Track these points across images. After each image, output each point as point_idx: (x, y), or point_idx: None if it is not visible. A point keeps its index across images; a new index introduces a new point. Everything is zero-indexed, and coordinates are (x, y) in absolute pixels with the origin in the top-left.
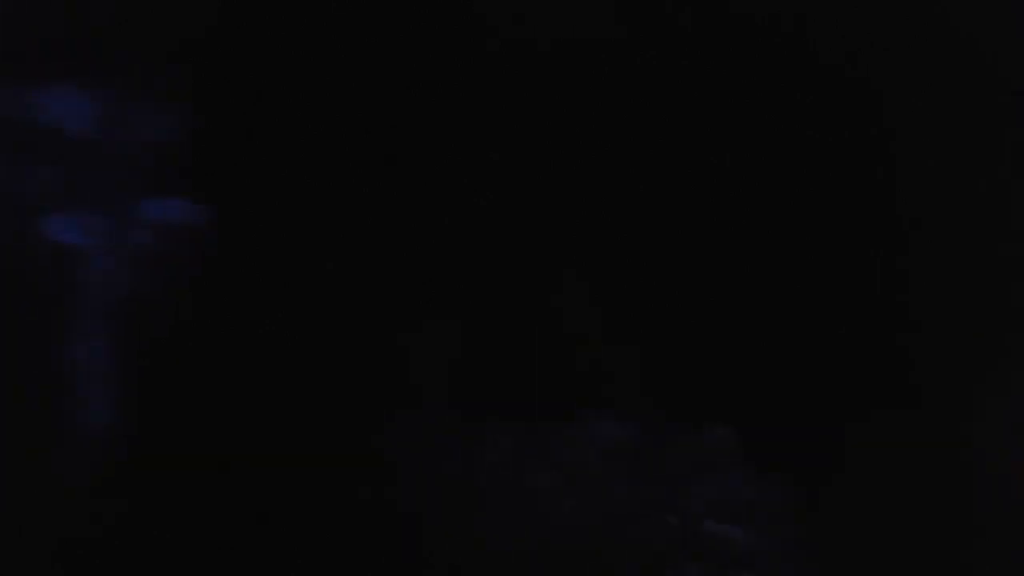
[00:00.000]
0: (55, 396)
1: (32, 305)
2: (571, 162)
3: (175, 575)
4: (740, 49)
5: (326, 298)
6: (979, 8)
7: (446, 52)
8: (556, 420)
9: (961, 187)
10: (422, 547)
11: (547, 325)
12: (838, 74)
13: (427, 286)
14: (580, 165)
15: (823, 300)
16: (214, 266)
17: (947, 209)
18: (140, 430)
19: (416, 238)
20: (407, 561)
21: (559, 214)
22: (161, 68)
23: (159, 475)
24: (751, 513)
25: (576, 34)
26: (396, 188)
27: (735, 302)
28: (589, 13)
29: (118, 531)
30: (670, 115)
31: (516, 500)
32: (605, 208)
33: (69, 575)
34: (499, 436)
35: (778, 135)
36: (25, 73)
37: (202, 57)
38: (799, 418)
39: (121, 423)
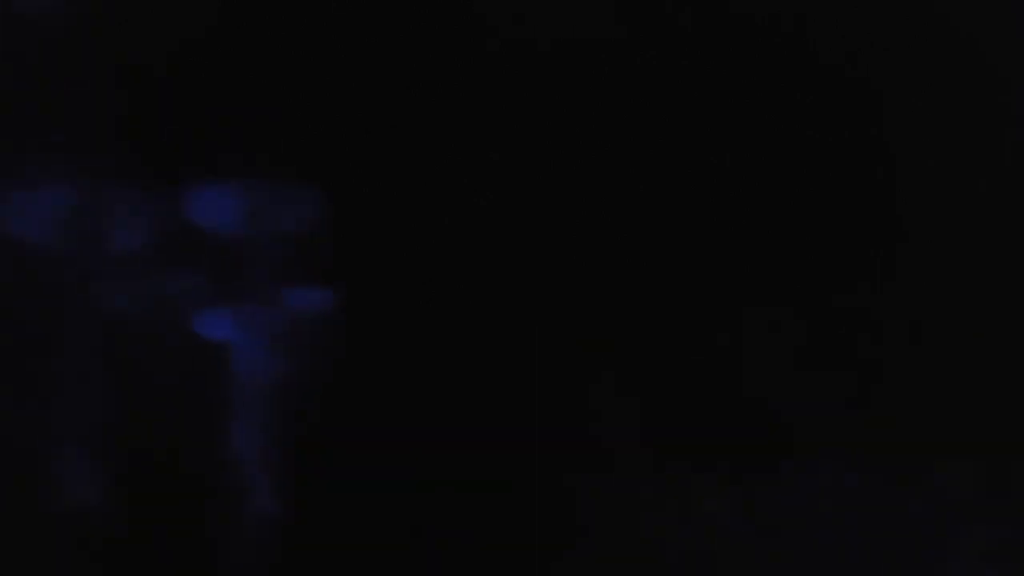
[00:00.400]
0: (222, 484)
1: (191, 399)
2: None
3: None
4: (740, 49)
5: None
6: (979, 8)
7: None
8: (763, 470)
9: (960, 186)
10: None
11: (743, 366)
12: (838, 74)
13: (598, 336)
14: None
15: None
16: (353, 348)
17: (947, 208)
18: (301, 513)
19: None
20: None
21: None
22: (297, 162)
23: (323, 555)
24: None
25: (576, 34)
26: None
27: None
28: (589, 13)
29: None
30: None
31: (733, 559)
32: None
33: None
34: (703, 490)
35: (778, 135)
36: (179, 177)
37: (331, 150)
38: None
39: (285, 506)
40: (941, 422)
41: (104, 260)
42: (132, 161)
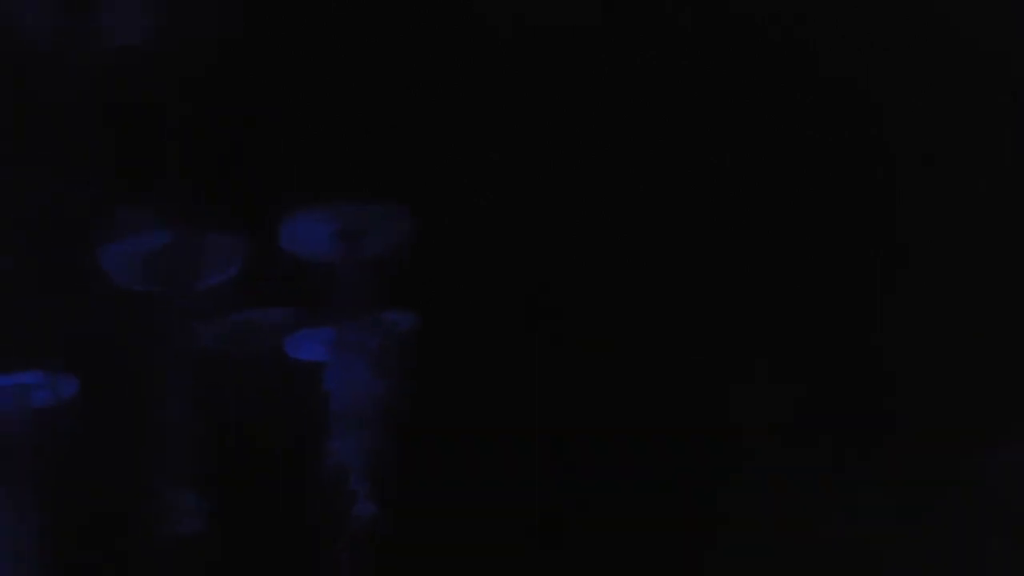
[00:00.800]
0: (320, 497)
1: (285, 419)
2: None
3: None
4: (740, 49)
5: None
6: (979, 8)
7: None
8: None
9: (961, 187)
10: None
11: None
12: (837, 74)
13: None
14: None
15: None
16: (441, 363)
17: (948, 209)
18: (400, 522)
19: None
20: None
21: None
22: (387, 183)
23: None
24: None
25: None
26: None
27: None
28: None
29: None
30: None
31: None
32: None
33: None
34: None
35: (778, 135)
36: (272, 207)
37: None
38: None
39: (381, 518)
40: None
41: (199, 295)
42: (223, 195)
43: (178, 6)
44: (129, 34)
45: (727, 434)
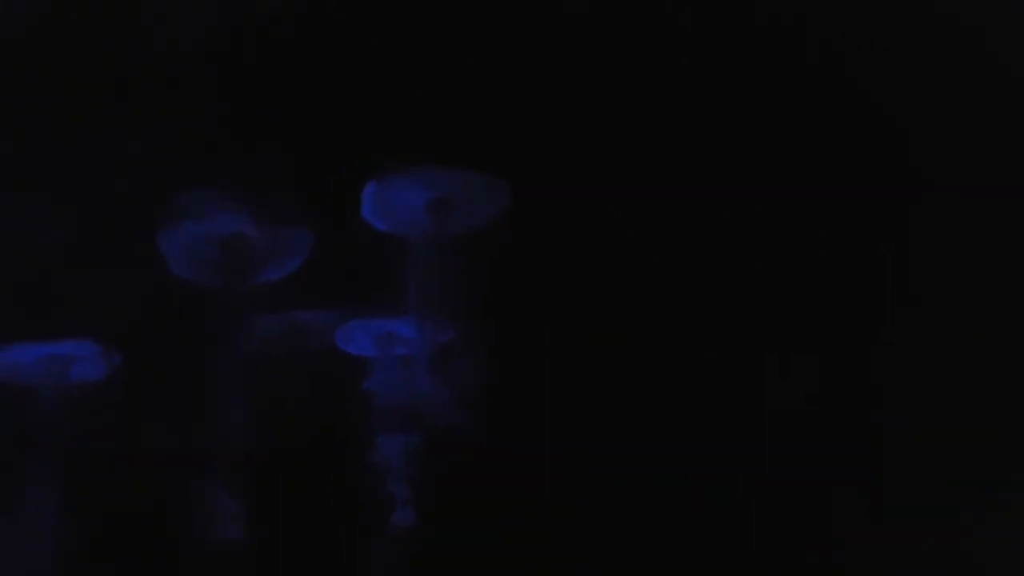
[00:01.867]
0: (360, 495)
1: (331, 412)
2: None
3: None
4: (740, 49)
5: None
6: (986, 7)
7: None
8: None
9: (968, 183)
10: None
11: None
12: (840, 73)
13: None
14: None
15: None
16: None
17: (955, 207)
18: (438, 525)
19: None
20: None
21: None
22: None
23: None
24: None
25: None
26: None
27: None
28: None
29: None
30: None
31: None
32: None
33: None
34: None
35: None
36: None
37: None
38: None
39: (421, 520)
40: None
41: (255, 290)
42: (292, 185)
43: None
44: None
45: (738, 431)
